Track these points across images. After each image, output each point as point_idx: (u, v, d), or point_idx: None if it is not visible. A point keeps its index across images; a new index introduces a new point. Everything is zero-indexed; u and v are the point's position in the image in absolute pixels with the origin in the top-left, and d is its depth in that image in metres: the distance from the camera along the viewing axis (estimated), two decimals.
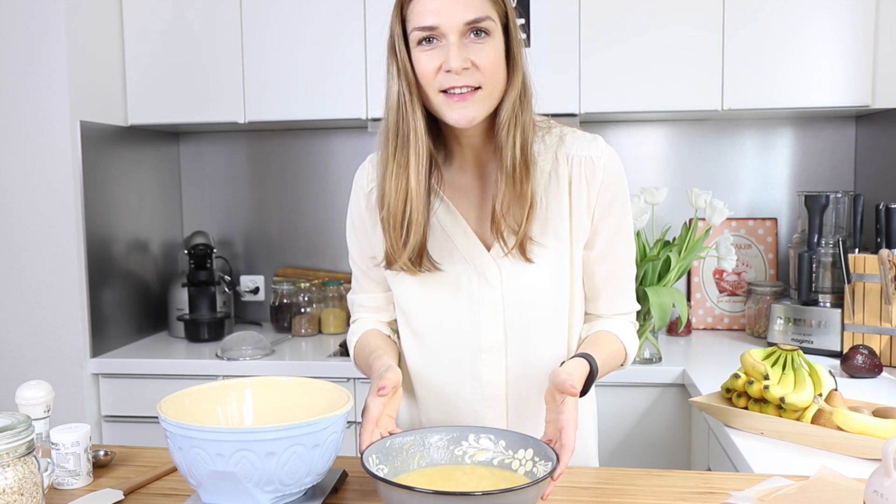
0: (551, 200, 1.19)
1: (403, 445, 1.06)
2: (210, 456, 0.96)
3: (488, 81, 1.11)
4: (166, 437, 1.01)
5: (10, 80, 2.23)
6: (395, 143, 1.15)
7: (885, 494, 0.84)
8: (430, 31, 1.09)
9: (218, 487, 0.99)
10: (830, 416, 1.39)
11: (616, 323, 1.26)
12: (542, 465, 1.01)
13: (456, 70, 1.08)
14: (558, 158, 1.20)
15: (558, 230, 1.19)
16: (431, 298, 1.23)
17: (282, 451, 0.97)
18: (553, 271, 1.20)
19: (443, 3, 1.08)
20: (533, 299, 1.20)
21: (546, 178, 1.20)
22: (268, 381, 1.18)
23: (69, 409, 2.27)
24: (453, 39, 1.08)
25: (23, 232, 2.26)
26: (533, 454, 1.04)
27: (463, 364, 1.23)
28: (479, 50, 1.10)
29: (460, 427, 1.10)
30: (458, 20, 1.08)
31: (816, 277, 2.23)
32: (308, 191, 2.82)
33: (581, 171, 1.19)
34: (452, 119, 1.12)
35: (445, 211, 1.21)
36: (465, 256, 1.21)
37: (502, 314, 1.21)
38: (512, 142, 1.14)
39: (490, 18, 1.10)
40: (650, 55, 2.29)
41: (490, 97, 1.13)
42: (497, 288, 1.20)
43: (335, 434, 1.03)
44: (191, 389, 1.13)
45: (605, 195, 1.20)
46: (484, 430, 1.09)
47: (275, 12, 2.41)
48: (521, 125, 1.14)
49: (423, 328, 1.25)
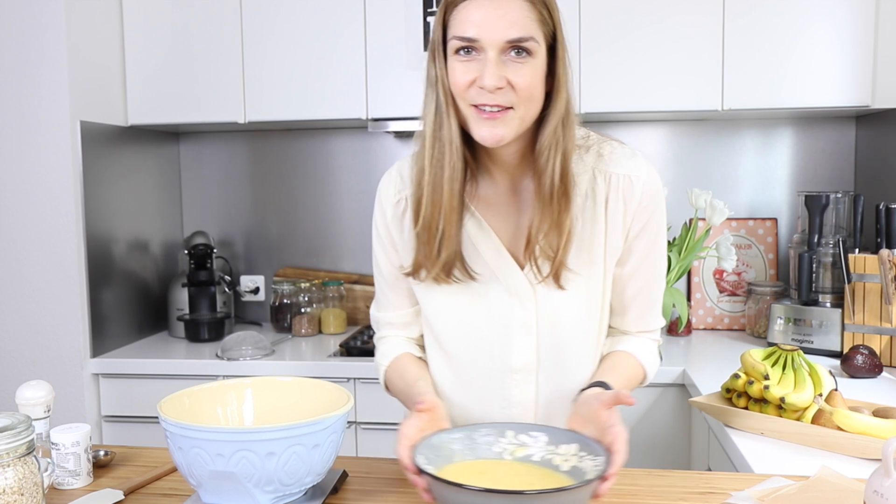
0: (587, 220, 1.15)
1: (446, 441, 1.04)
2: (210, 456, 0.96)
3: (522, 103, 1.06)
4: (166, 437, 1.01)
5: (10, 81, 2.23)
6: (431, 152, 1.11)
7: (885, 494, 0.84)
8: (469, 42, 1.05)
9: (218, 487, 0.99)
10: (830, 417, 1.39)
11: (637, 343, 1.25)
12: (589, 460, 0.98)
13: (489, 88, 1.04)
14: (596, 177, 1.16)
15: (592, 251, 1.16)
16: (461, 315, 1.20)
17: (282, 451, 0.97)
18: (586, 294, 1.18)
19: (487, 16, 1.03)
20: (566, 322, 1.18)
21: (583, 196, 1.15)
22: (268, 381, 1.19)
23: (69, 409, 2.27)
24: (492, 56, 1.04)
25: (23, 232, 2.26)
26: (578, 448, 1.02)
27: (492, 384, 1.20)
28: (518, 69, 1.05)
29: (500, 423, 1.08)
30: (499, 36, 1.03)
31: (816, 277, 2.23)
32: (308, 191, 2.82)
33: (619, 190, 1.15)
34: (479, 136, 1.08)
35: (477, 226, 1.17)
36: (496, 274, 1.17)
37: (535, 336, 1.18)
38: (552, 168, 1.09)
39: (534, 39, 1.05)
40: (650, 55, 2.29)
41: (522, 119, 1.08)
42: (531, 309, 1.17)
43: (335, 434, 1.03)
44: (191, 389, 1.13)
45: (642, 216, 1.17)
46: (524, 427, 1.07)
47: (275, 13, 2.41)
48: (561, 150, 1.09)
49: (451, 345, 1.22)
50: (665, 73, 2.29)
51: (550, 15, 1.07)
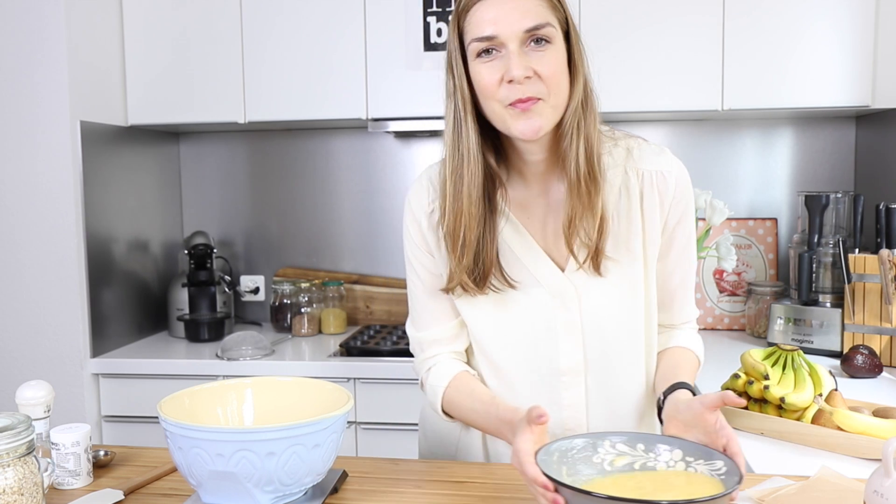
0: (622, 216, 1.16)
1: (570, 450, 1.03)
2: (210, 456, 0.96)
3: (552, 91, 1.07)
4: (166, 437, 1.01)
5: (10, 80, 2.23)
6: (452, 162, 1.12)
7: (885, 494, 0.84)
8: (488, 41, 1.05)
9: (218, 487, 0.99)
10: (830, 417, 1.39)
11: (686, 335, 1.27)
12: (703, 465, 0.97)
13: (518, 79, 1.04)
14: (628, 173, 1.17)
15: (631, 246, 1.16)
16: (505, 323, 1.19)
17: (282, 451, 0.97)
18: (628, 288, 1.17)
19: (500, 12, 1.04)
20: (609, 318, 1.17)
21: (616, 194, 1.16)
22: (268, 381, 1.19)
23: (69, 409, 2.27)
24: (513, 48, 1.05)
25: (23, 232, 2.26)
26: (683, 455, 1.00)
27: (542, 388, 1.19)
28: (541, 58, 1.06)
29: (593, 434, 1.06)
30: (517, 28, 1.04)
31: (816, 277, 2.23)
32: (308, 191, 2.82)
33: (653, 185, 1.16)
34: (518, 130, 1.07)
35: (513, 231, 1.17)
36: (537, 279, 1.17)
37: (581, 336, 1.18)
38: (576, 151, 1.09)
39: (550, 25, 1.06)
40: (650, 55, 2.29)
41: (555, 107, 1.08)
42: (574, 310, 1.17)
43: (335, 434, 1.03)
44: (191, 389, 1.13)
45: (678, 209, 1.18)
46: (616, 435, 1.05)
47: (275, 13, 2.41)
48: (584, 133, 1.10)
49: (497, 354, 1.21)
50: (665, 73, 2.29)
51: (560, 1, 1.10)
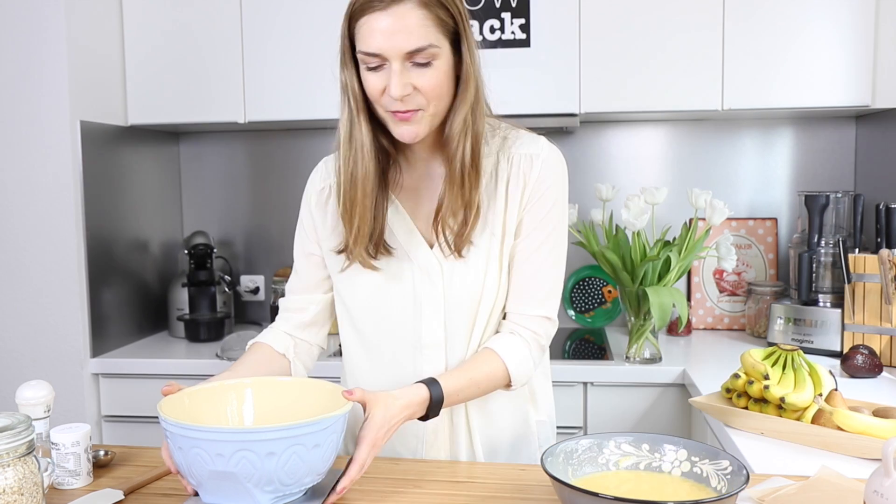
0: (490, 200, 1.23)
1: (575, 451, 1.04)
2: (210, 456, 0.96)
3: (432, 102, 1.14)
4: (166, 437, 1.01)
5: (10, 80, 2.23)
6: (346, 154, 1.20)
7: (885, 494, 0.84)
8: (374, 57, 1.11)
9: (218, 487, 0.99)
10: (830, 416, 1.39)
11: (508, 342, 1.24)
12: (707, 465, 0.98)
13: (396, 97, 1.11)
14: (500, 159, 1.24)
15: (495, 230, 1.23)
16: (379, 295, 1.26)
17: (282, 451, 0.97)
18: (489, 268, 1.24)
19: (386, 31, 1.09)
20: (469, 297, 1.24)
21: (487, 178, 1.23)
22: (268, 381, 1.18)
23: (69, 409, 2.28)
24: (396, 67, 1.10)
25: (23, 232, 2.26)
26: (688, 455, 1.01)
27: (405, 360, 1.27)
28: (422, 74, 1.12)
29: (598, 435, 1.08)
30: (399, 49, 1.09)
31: (816, 277, 2.23)
32: None
33: (519, 168, 1.23)
34: (398, 134, 1.17)
35: (393, 209, 1.26)
36: (408, 254, 1.25)
37: (443, 312, 1.24)
38: (461, 153, 1.17)
39: (434, 45, 1.11)
40: (650, 55, 2.29)
41: (434, 115, 1.16)
42: (438, 286, 1.24)
43: (335, 434, 1.03)
44: (190, 389, 1.13)
45: (539, 187, 1.23)
46: (621, 435, 1.07)
47: (275, 12, 2.41)
48: (472, 135, 1.17)
49: (366, 326, 1.29)
50: (665, 73, 2.29)
51: (449, 13, 1.12)
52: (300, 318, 1.37)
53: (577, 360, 2.21)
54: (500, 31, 2.29)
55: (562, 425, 2.17)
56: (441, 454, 1.31)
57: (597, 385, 2.16)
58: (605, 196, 2.29)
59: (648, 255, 2.11)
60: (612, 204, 2.45)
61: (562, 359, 2.24)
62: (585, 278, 2.69)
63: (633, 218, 2.11)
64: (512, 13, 2.29)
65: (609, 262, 2.18)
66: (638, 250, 2.13)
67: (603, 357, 2.25)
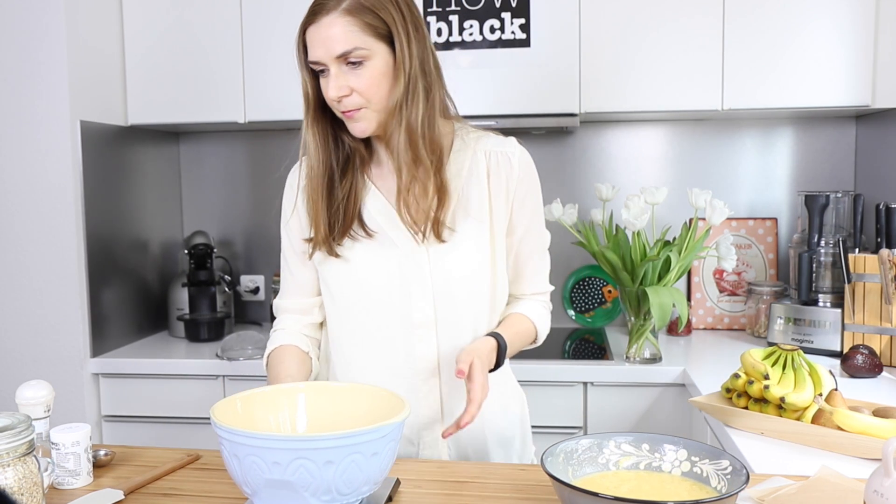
0: (472, 191, 1.32)
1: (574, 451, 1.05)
2: (267, 464, 0.93)
3: (371, 99, 1.24)
4: (221, 444, 0.98)
5: (11, 80, 2.23)
6: (304, 148, 1.32)
7: (885, 494, 0.84)
8: (315, 64, 1.23)
9: (274, 497, 0.96)
10: (831, 416, 1.39)
11: (530, 305, 1.42)
12: (707, 465, 0.98)
13: (334, 99, 1.23)
14: (476, 153, 1.34)
15: (480, 217, 1.32)
16: (364, 278, 1.32)
17: (340, 460, 0.94)
18: (474, 253, 1.32)
19: (318, 40, 1.21)
20: (458, 280, 1.32)
21: (467, 170, 1.33)
22: (321, 385, 1.17)
23: (69, 408, 2.27)
24: (333, 70, 1.22)
25: (23, 232, 2.26)
26: (688, 454, 1.02)
27: (397, 342, 1.33)
28: (356, 75, 1.22)
29: (598, 434, 1.08)
30: (329, 55, 1.20)
31: (816, 277, 2.23)
32: None
33: (498, 164, 1.34)
34: (351, 130, 1.28)
35: (374, 198, 1.34)
36: (393, 241, 1.31)
37: (431, 293, 1.31)
38: (396, 143, 1.26)
39: (360, 48, 1.20)
40: (650, 55, 2.29)
41: (377, 111, 1.25)
42: (425, 268, 1.31)
43: (393, 442, 1.00)
44: (244, 394, 1.11)
45: (522, 187, 1.35)
46: (621, 435, 1.07)
47: (275, 12, 2.41)
48: (405, 124, 1.25)
49: (356, 311, 1.34)
50: (665, 73, 2.29)
51: (379, 18, 1.21)
52: (308, 319, 1.42)
53: (577, 360, 2.21)
54: (500, 31, 2.29)
55: (562, 425, 2.17)
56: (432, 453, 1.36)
57: (597, 385, 2.16)
58: (605, 196, 2.29)
59: (648, 255, 2.11)
60: (612, 204, 2.45)
61: (562, 359, 2.24)
62: (585, 278, 2.69)
63: (633, 218, 2.11)
64: (512, 13, 2.29)
65: (609, 262, 2.18)
66: (638, 250, 2.13)
67: (603, 357, 2.25)
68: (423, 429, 1.34)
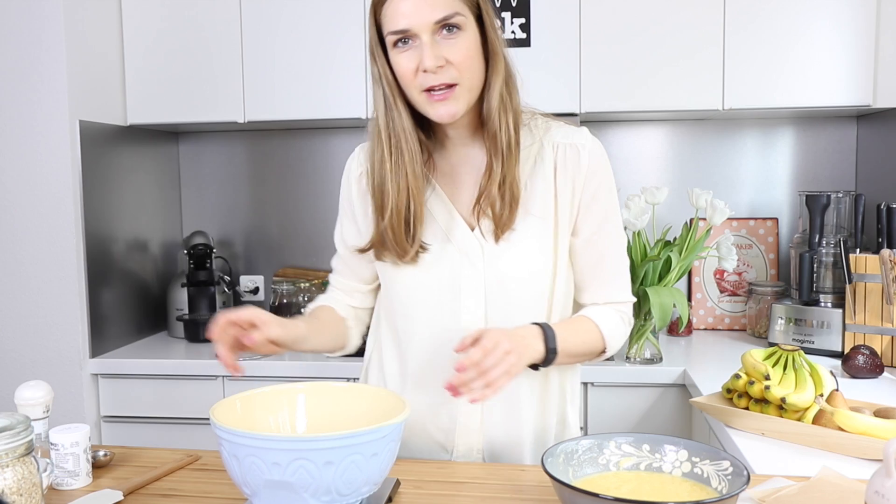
0: (537, 186, 1.23)
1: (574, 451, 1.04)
2: (266, 465, 0.93)
3: (465, 75, 1.14)
4: (220, 444, 0.98)
5: (10, 80, 2.22)
6: (388, 144, 1.20)
7: (886, 495, 0.84)
8: (402, 33, 1.13)
9: (273, 497, 0.96)
10: (831, 417, 1.38)
11: (599, 309, 1.27)
12: (708, 466, 0.98)
13: (431, 69, 1.12)
14: (544, 145, 1.24)
15: (543, 215, 1.23)
16: (418, 280, 1.25)
17: (340, 460, 0.93)
18: (536, 253, 1.23)
19: (412, 5, 1.11)
20: (513, 280, 1.23)
21: (531, 164, 1.23)
22: (321, 386, 1.16)
23: (69, 409, 2.27)
24: (426, 39, 1.12)
25: (23, 232, 2.26)
26: (689, 455, 1.02)
27: (444, 347, 1.23)
28: (452, 46, 1.13)
29: (599, 435, 1.07)
30: (427, 20, 1.11)
31: (817, 277, 2.23)
32: (308, 191, 2.82)
33: (566, 158, 1.23)
34: (436, 116, 1.16)
35: (433, 195, 1.26)
36: (448, 236, 1.24)
37: (483, 295, 1.23)
38: (505, 126, 1.18)
39: (459, 14, 1.13)
40: (650, 55, 2.29)
41: (469, 91, 1.16)
42: (479, 268, 1.23)
43: (393, 442, 1.00)
44: (243, 394, 1.10)
45: (592, 183, 1.24)
46: (621, 436, 1.07)
47: (275, 12, 2.41)
48: (512, 109, 1.18)
49: (407, 311, 1.27)
50: (665, 73, 2.29)
51: None
52: (350, 301, 1.38)
53: None
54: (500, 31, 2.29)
55: None
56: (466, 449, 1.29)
57: (597, 385, 2.15)
58: None
59: (649, 255, 2.10)
60: None
61: None
62: None
63: (633, 218, 2.10)
64: (512, 13, 2.29)
65: None
66: (638, 250, 2.12)
67: None
68: (459, 436, 1.28)
